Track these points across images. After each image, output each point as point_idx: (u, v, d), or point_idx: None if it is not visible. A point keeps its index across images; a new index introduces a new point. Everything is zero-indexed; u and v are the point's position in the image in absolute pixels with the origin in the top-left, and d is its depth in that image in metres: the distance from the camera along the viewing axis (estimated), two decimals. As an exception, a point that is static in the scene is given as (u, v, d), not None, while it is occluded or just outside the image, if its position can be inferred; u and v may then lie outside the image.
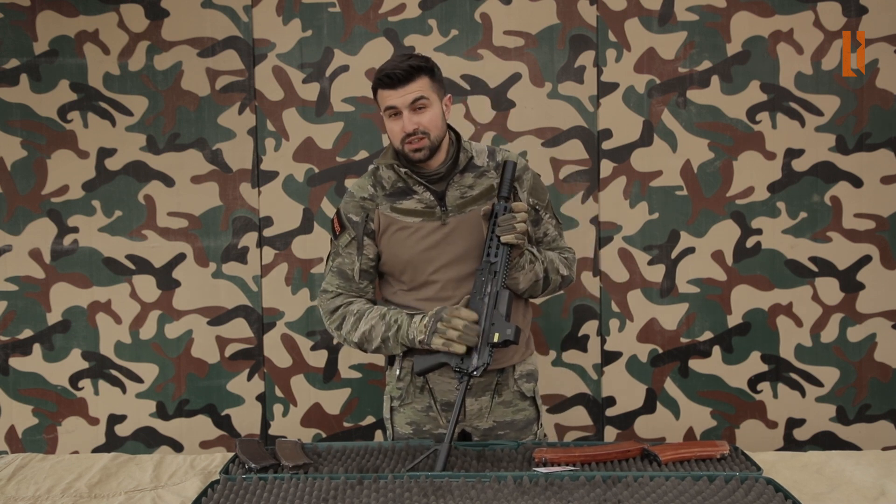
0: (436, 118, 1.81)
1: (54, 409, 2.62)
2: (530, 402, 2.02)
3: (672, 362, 2.59)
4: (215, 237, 2.60)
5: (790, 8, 2.50)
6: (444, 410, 1.97)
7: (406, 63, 1.78)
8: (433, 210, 1.86)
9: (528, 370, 2.03)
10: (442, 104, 1.85)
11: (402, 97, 1.77)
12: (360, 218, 1.89)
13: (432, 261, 1.86)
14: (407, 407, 1.99)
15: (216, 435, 2.64)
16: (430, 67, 1.82)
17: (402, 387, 1.97)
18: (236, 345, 2.63)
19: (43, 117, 2.57)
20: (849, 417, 2.57)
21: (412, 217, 1.86)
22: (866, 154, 2.52)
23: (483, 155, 1.91)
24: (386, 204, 1.88)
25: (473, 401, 1.97)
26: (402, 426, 2.00)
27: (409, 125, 1.78)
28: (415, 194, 1.87)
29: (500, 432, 2.00)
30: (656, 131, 2.55)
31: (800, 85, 2.51)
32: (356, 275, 1.91)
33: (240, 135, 2.58)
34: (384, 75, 1.78)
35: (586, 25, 2.54)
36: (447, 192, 1.86)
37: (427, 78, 1.80)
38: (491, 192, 1.86)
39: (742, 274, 2.56)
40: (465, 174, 1.88)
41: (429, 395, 1.97)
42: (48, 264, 2.60)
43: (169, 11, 2.55)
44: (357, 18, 2.55)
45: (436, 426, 1.99)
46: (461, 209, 1.86)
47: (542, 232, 1.96)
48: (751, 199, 2.55)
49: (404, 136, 1.79)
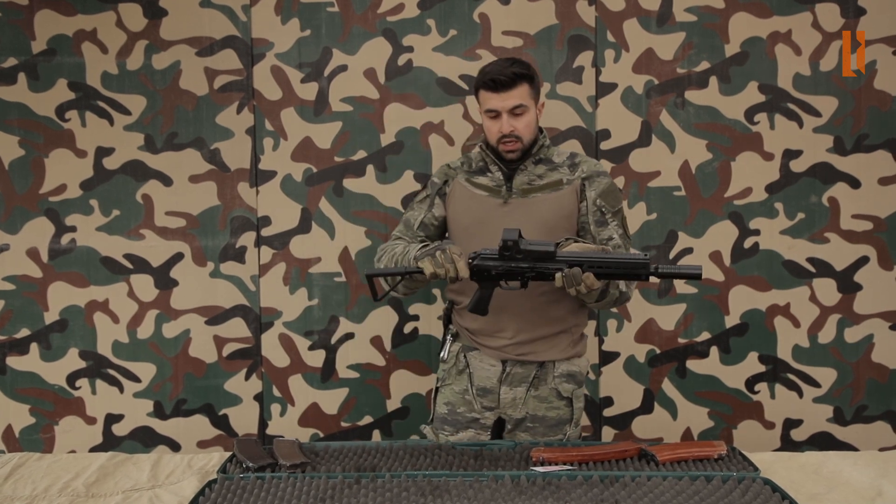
0: (531, 123, 1.99)
1: (51, 408, 2.62)
2: (566, 403, 2.09)
3: (670, 363, 2.60)
4: (213, 237, 2.60)
5: (788, 9, 2.50)
6: (480, 395, 2.09)
7: (510, 70, 1.94)
8: (500, 189, 2.04)
9: (571, 371, 2.10)
10: (536, 109, 2.02)
11: (504, 101, 1.95)
12: (441, 180, 2.13)
13: (486, 233, 1.97)
14: (447, 388, 2.14)
15: (214, 434, 2.64)
16: (532, 75, 1.99)
17: (447, 369, 2.14)
18: (234, 344, 2.63)
19: (41, 116, 2.57)
20: (846, 418, 2.57)
21: (481, 191, 2.06)
22: (864, 155, 2.52)
23: (563, 156, 2.08)
24: (464, 176, 2.09)
25: (508, 389, 2.07)
26: (440, 406, 2.15)
27: (506, 127, 1.96)
28: (489, 173, 2.06)
29: (529, 424, 2.08)
30: (655, 132, 2.55)
31: (798, 86, 2.52)
32: (416, 223, 2.11)
33: (238, 134, 2.58)
34: (489, 79, 1.95)
35: (585, 26, 2.54)
36: (515, 177, 2.03)
37: (527, 85, 1.97)
38: (557, 186, 2.02)
39: (740, 274, 2.56)
40: (539, 164, 2.04)
41: (467, 379, 2.11)
42: (46, 263, 2.60)
43: (167, 11, 2.55)
44: (355, 18, 2.55)
45: (469, 409, 2.10)
46: (525, 194, 2.02)
47: (608, 236, 2.03)
48: (749, 199, 2.55)
49: (501, 137, 1.98)
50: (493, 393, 2.07)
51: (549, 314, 2.04)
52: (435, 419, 2.16)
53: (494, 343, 2.06)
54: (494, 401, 2.08)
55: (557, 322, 2.05)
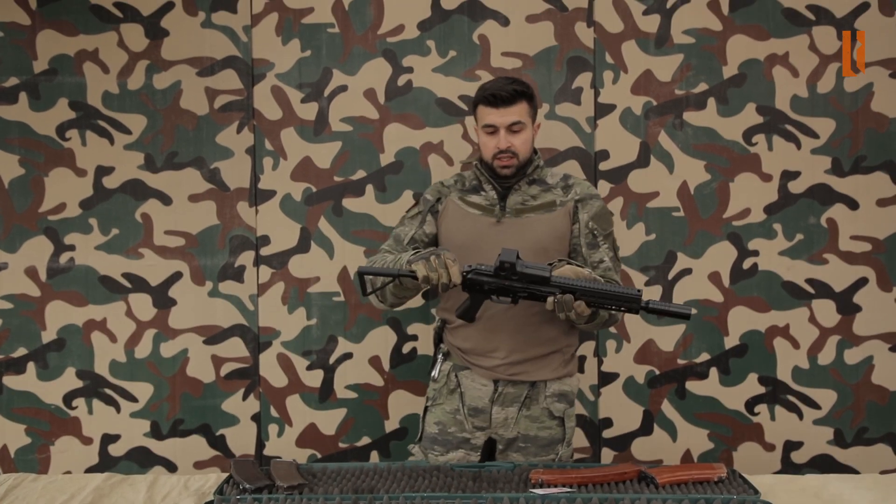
0: (527, 141, 2.02)
1: (47, 428, 2.60)
2: (559, 423, 2.08)
3: (669, 384, 2.59)
4: (212, 256, 2.60)
5: (785, 31, 2.52)
6: (472, 415, 2.07)
7: (511, 87, 1.97)
8: (493, 208, 2.06)
9: (563, 391, 2.09)
10: (533, 128, 2.05)
11: (503, 117, 1.97)
12: (433, 198, 2.13)
13: (479, 252, 1.98)
14: (437, 407, 2.12)
15: (210, 455, 2.62)
16: (531, 94, 2.03)
17: (437, 388, 2.13)
18: (232, 364, 2.61)
19: (41, 135, 2.58)
20: (847, 440, 2.56)
21: (474, 209, 2.07)
22: (862, 177, 2.53)
23: (557, 177, 2.11)
24: (458, 194, 2.10)
25: (500, 409, 2.06)
26: (430, 425, 2.13)
27: (503, 143, 1.98)
28: (483, 192, 2.08)
29: (521, 444, 2.07)
30: (653, 153, 2.56)
31: (795, 108, 2.53)
32: (406, 239, 2.11)
33: (238, 154, 2.59)
34: (490, 94, 1.97)
35: (583, 47, 2.55)
36: (510, 196, 2.05)
37: (526, 103, 2.00)
38: (551, 207, 2.05)
39: (739, 295, 2.56)
40: (532, 185, 2.07)
41: (458, 399, 2.09)
42: (44, 282, 2.59)
43: (169, 31, 2.57)
44: (356, 39, 2.57)
45: (461, 429, 2.09)
46: (518, 214, 2.04)
47: (598, 259, 2.05)
48: (747, 220, 2.55)
49: (497, 152, 1.99)
50: (484, 413, 2.07)
51: (541, 334, 2.05)
52: (424, 438, 2.15)
53: (487, 363, 2.06)
54: (486, 420, 2.07)
55: (550, 342, 2.06)
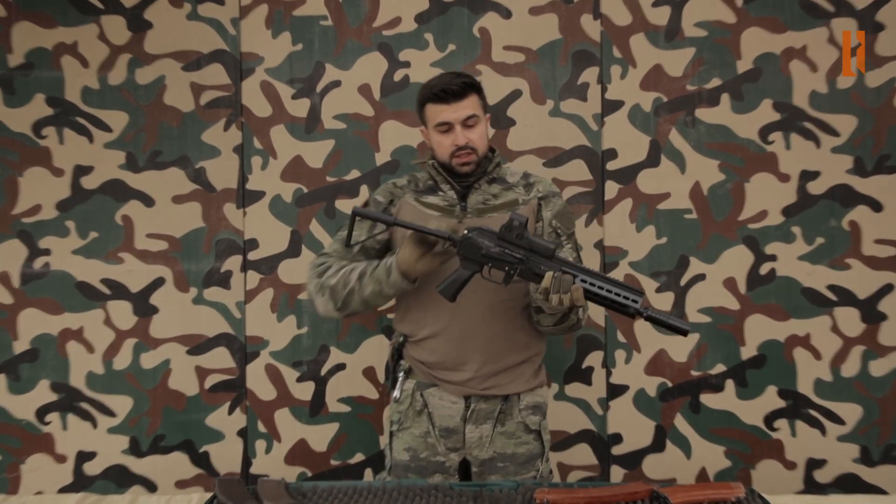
0: (483, 135, 1.93)
1: (18, 445, 2.46)
2: (535, 437, 1.96)
3: (682, 397, 2.45)
4: (197, 260, 2.47)
5: (803, 24, 2.41)
6: (443, 437, 1.93)
7: (459, 80, 1.89)
8: (453, 208, 1.94)
9: (536, 402, 1.97)
10: (485, 121, 1.96)
11: (457, 112, 1.88)
12: (385, 199, 1.98)
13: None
14: (405, 432, 1.97)
15: (193, 474, 2.48)
16: (479, 86, 1.94)
17: (402, 410, 1.98)
18: (217, 375, 2.48)
19: (16, 133, 2.45)
20: (873, 458, 2.41)
21: (433, 210, 1.94)
22: (886, 177, 2.40)
23: (517, 176, 2.01)
24: (413, 196, 1.97)
25: (474, 428, 1.92)
26: (399, 452, 1.98)
27: (461, 139, 1.89)
28: (441, 192, 1.97)
29: (499, 464, 1.93)
30: (664, 151, 2.43)
31: (815, 104, 2.41)
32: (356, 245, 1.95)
33: (225, 152, 2.47)
34: (439, 91, 1.88)
35: (590, 41, 2.44)
36: (470, 195, 1.95)
37: (476, 96, 1.92)
38: (513, 206, 1.94)
39: (756, 303, 2.42)
40: (493, 184, 1.97)
41: (427, 420, 1.94)
42: (17, 289, 2.45)
43: (152, 23, 2.45)
44: (350, 32, 2.45)
45: (433, 453, 1.94)
46: (480, 213, 1.93)
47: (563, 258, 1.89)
48: (764, 223, 2.42)
49: (455, 150, 1.89)
50: (457, 433, 1.92)
51: (514, 340, 1.93)
52: (394, 467, 1.98)
53: (457, 377, 1.92)
54: (459, 441, 1.93)
55: (522, 349, 1.94)
